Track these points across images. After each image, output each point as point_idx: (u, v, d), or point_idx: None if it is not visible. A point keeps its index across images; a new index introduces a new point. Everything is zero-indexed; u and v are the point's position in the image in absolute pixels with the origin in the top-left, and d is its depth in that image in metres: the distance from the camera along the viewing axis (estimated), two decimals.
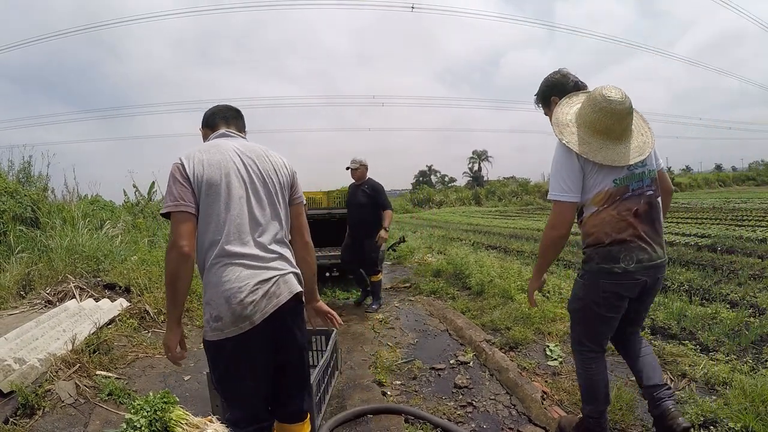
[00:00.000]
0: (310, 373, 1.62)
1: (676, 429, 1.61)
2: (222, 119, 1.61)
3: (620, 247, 1.60)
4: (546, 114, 1.86)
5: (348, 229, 4.54)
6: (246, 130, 1.69)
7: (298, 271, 1.53)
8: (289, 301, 1.42)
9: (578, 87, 1.79)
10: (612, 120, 1.57)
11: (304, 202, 1.68)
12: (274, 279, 1.40)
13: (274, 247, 1.45)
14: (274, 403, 1.56)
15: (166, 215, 1.38)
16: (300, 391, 1.59)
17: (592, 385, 1.79)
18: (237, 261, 1.36)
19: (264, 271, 1.39)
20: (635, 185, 1.63)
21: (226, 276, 1.35)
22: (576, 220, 1.73)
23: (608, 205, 1.61)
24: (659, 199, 1.69)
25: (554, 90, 1.82)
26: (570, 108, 1.71)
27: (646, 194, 1.64)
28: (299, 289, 1.48)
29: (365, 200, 4.31)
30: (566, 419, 2.05)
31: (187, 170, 1.38)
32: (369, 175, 4.47)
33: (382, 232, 4.24)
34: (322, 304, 1.75)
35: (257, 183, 1.46)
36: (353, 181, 4.53)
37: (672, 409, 1.66)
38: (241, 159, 1.46)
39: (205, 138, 1.61)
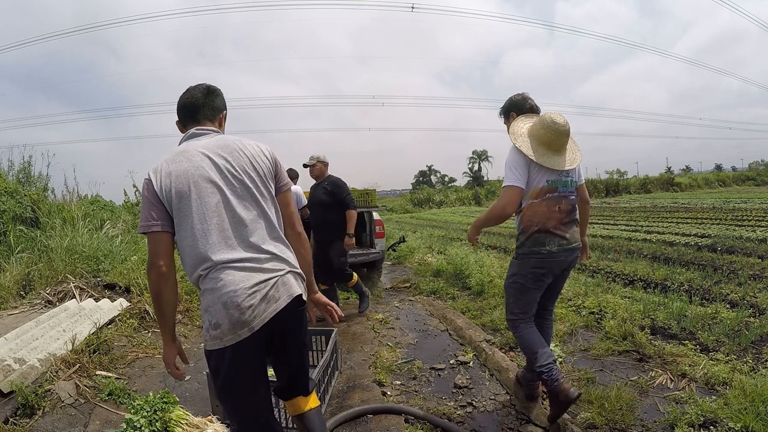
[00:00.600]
0: (309, 372, 1.62)
1: (563, 394, 1.96)
2: (189, 118, 1.50)
3: (545, 234, 2.08)
4: (505, 124, 2.33)
5: (312, 234, 4.15)
6: (223, 106, 1.56)
7: (298, 269, 1.46)
8: (289, 304, 1.36)
9: (533, 109, 2.29)
10: (554, 136, 2.07)
11: (291, 187, 1.60)
12: (273, 281, 1.33)
13: (267, 246, 1.37)
14: (276, 384, 1.58)
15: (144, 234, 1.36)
16: (301, 377, 1.57)
17: (530, 345, 2.15)
18: (230, 266, 1.30)
19: (259, 274, 1.32)
20: (562, 188, 2.12)
21: (220, 281, 1.28)
22: (515, 214, 2.19)
23: (541, 198, 2.09)
24: (577, 203, 2.22)
25: (515, 108, 2.30)
26: (524, 124, 2.19)
27: (569, 197, 2.15)
28: (299, 291, 1.41)
29: (326, 199, 3.96)
30: (522, 373, 2.38)
31: (155, 186, 1.33)
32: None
33: (347, 239, 3.95)
34: (321, 296, 1.68)
35: (235, 182, 1.37)
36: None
37: (560, 379, 2.05)
38: (212, 161, 1.37)
39: (181, 132, 1.53)
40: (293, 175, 4.90)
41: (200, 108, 1.49)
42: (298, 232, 1.57)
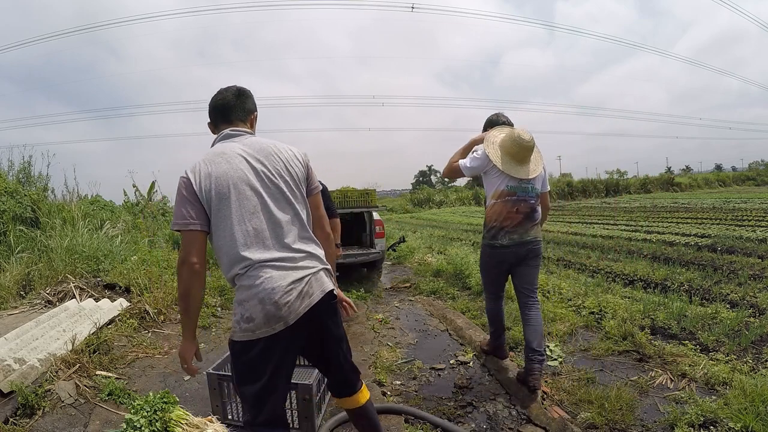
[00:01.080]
0: (351, 357, 1.65)
1: (531, 384, 2.36)
2: (222, 119, 1.54)
3: (500, 230, 2.48)
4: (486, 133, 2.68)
5: None
6: (254, 107, 1.61)
7: (328, 266, 1.52)
8: (322, 298, 1.42)
9: (506, 123, 2.70)
10: (519, 149, 2.42)
11: (321, 188, 1.66)
12: (306, 278, 1.39)
13: (300, 245, 1.43)
14: (327, 379, 1.64)
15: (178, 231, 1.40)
16: (350, 375, 1.62)
17: (494, 317, 2.76)
18: (267, 264, 1.35)
19: (295, 272, 1.38)
20: (521, 193, 2.46)
21: (259, 278, 1.34)
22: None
23: (500, 199, 2.47)
24: (538, 207, 2.55)
25: (491, 125, 2.72)
26: (499, 134, 2.55)
27: (529, 202, 2.48)
28: (331, 286, 1.48)
29: None
30: (484, 342, 3.06)
31: (194, 185, 1.37)
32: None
33: (337, 250, 3.34)
34: (339, 292, 1.69)
35: (271, 186, 1.43)
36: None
37: (536, 372, 2.36)
38: (250, 164, 1.42)
39: (213, 133, 1.58)
40: None
41: (232, 109, 1.54)
42: (326, 233, 1.65)
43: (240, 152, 1.43)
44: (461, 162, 2.60)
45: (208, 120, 1.59)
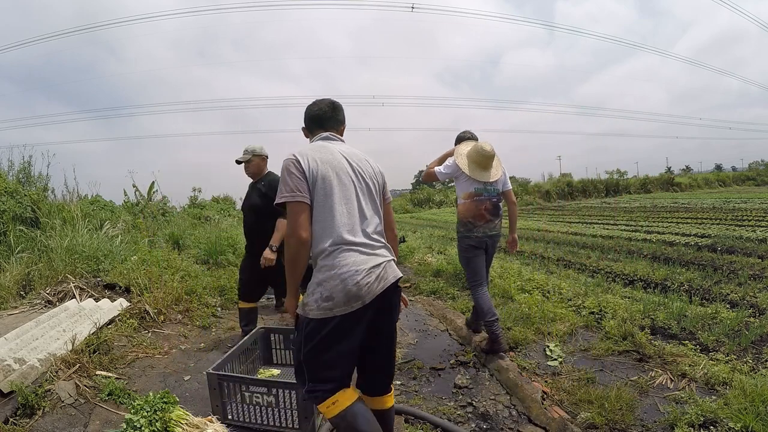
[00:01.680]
0: (394, 359, 1.79)
1: (499, 348, 2.89)
2: (318, 126, 1.78)
3: (472, 224, 3.02)
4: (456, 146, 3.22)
5: (246, 243, 3.54)
6: (344, 120, 1.85)
7: (395, 258, 1.72)
8: (393, 283, 1.61)
9: (471, 137, 3.27)
10: (481, 159, 2.99)
11: (391, 200, 1.88)
12: (383, 264, 1.58)
13: (378, 237, 1.64)
14: (360, 376, 1.75)
15: (281, 205, 1.55)
16: (389, 366, 1.76)
17: (479, 302, 3.03)
18: (352, 248, 1.53)
19: (374, 257, 1.57)
20: (486, 194, 3.02)
21: (344, 260, 1.50)
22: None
23: (470, 200, 3.02)
24: (501, 203, 3.13)
25: (460, 140, 3.27)
26: (466, 147, 3.11)
27: (492, 200, 3.04)
28: (401, 274, 1.68)
29: (261, 202, 3.22)
30: (468, 322, 3.49)
31: (303, 165, 1.54)
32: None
33: (266, 252, 3.07)
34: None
35: (362, 182, 1.65)
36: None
37: (499, 335, 2.88)
38: (349, 162, 1.64)
39: (306, 137, 1.83)
40: None
41: (327, 120, 1.79)
42: (395, 234, 1.87)
43: (339, 150, 1.66)
44: (436, 169, 3.11)
45: (303, 126, 1.84)
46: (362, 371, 1.74)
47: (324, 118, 1.77)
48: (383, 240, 1.68)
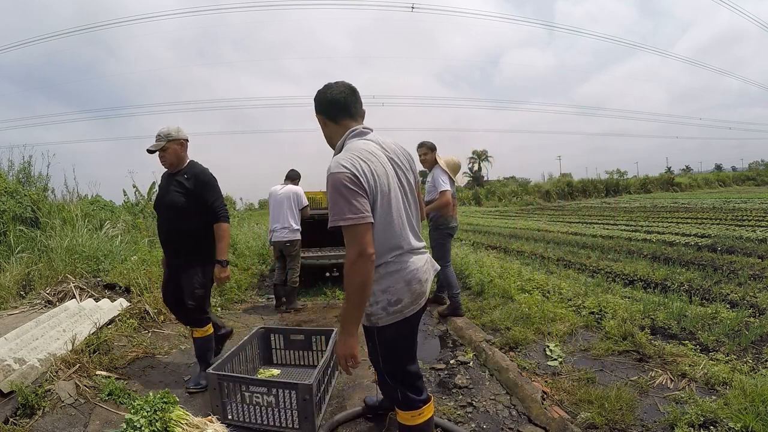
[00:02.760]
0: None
1: (459, 313, 3.94)
2: (344, 113, 1.60)
3: (452, 218, 3.96)
4: (432, 158, 4.00)
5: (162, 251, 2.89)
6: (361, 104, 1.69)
7: None
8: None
9: (434, 148, 4.10)
10: (456, 168, 4.10)
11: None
12: (427, 259, 1.67)
13: (419, 238, 1.68)
14: None
15: (338, 226, 1.42)
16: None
17: (450, 278, 3.93)
18: (409, 253, 1.57)
19: (423, 257, 1.65)
20: (455, 193, 4.03)
21: (405, 265, 1.54)
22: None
23: (453, 199, 3.90)
24: None
25: (434, 150, 4.08)
26: (442, 160, 3.97)
27: (455, 198, 4.01)
28: (438, 266, 1.80)
29: (185, 200, 2.60)
30: (443, 309, 4.12)
31: (362, 182, 1.42)
32: None
33: (218, 271, 2.62)
34: None
35: (407, 187, 1.62)
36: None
37: (460, 303, 3.99)
38: (393, 167, 1.57)
39: (327, 127, 1.64)
40: (294, 176, 4.89)
41: (353, 104, 1.61)
42: (424, 213, 2.05)
43: (383, 154, 1.55)
44: (446, 190, 3.75)
45: (320, 113, 1.64)
46: None
47: (349, 103, 1.60)
48: (420, 236, 1.71)
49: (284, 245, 4.56)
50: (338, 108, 1.59)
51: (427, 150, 3.98)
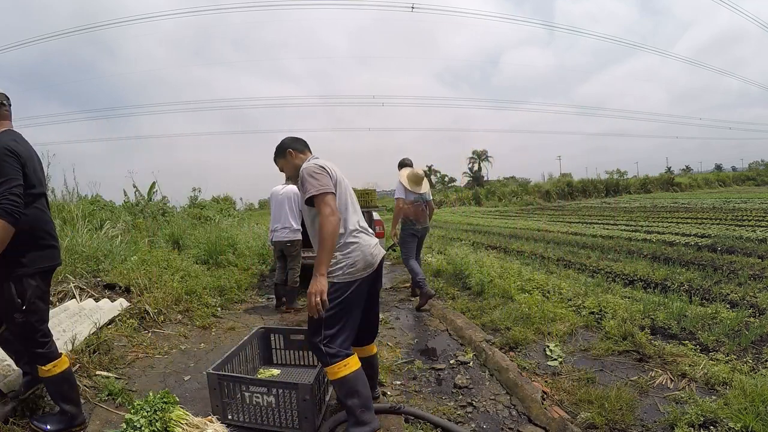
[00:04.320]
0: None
1: (429, 293, 4.42)
2: (306, 147, 2.29)
3: (415, 220, 4.61)
4: (399, 170, 4.74)
5: None
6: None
7: None
8: (383, 257, 2.20)
9: (410, 163, 4.81)
10: (417, 179, 4.61)
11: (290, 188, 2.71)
12: (376, 243, 2.19)
13: (368, 227, 2.23)
14: (364, 331, 2.26)
15: (314, 197, 1.95)
16: (377, 321, 2.41)
17: (413, 268, 4.60)
18: (364, 231, 2.15)
19: (373, 238, 2.18)
20: (417, 201, 4.60)
21: (362, 239, 2.09)
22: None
23: (410, 205, 4.56)
24: (427, 208, 4.70)
25: (404, 165, 4.80)
26: (405, 172, 4.65)
27: (422, 206, 4.64)
28: (383, 250, 2.25)
29: None
30: (417, 305, 4.55)
31: (327, 170, 2.05)
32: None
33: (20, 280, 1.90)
34: None
35: (350, 188, 2.21)
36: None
37: (424, 287, 4.45)
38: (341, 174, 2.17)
39: (296, 158, 2.23)
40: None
41: (306, 144, 2.32)
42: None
43: (335, 165, 2.17)
44: (398, 197, 4.58)
45: (289, 148, 2.25)
46: (364, 323, 2.20)
47: (305, 142, 2.31)
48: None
49: (285, 245, 4.56)
50: (302, 143, 2.29)
51: (399, 167, 4.88)
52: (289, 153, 2.25)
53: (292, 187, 4.68)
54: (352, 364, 1.98)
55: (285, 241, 4.55)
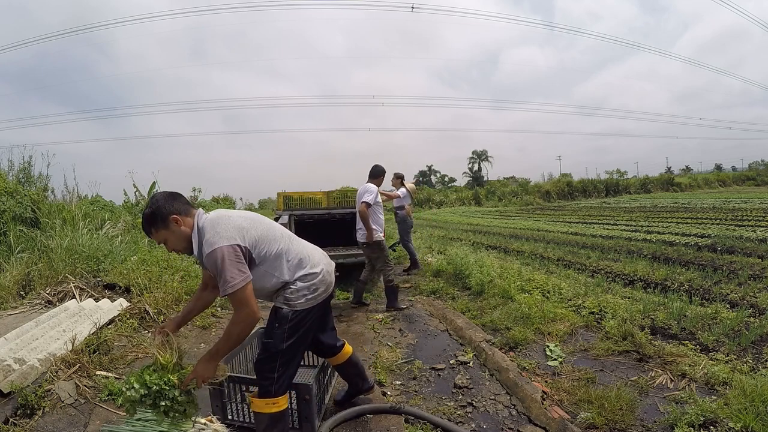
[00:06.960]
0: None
1: (419, 267, 6.47)
2: (187, 204, 1.83)
3: (409, 217, 6.67)
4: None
5: None
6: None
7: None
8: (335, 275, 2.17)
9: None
10: (413, 190, 6.84)
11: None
12: (329, 259, 2.12)
13: (313, 245, 2.17)
14: (327, 337, 2.28)
15: (238, 290, 1.73)
16: (335, 335, 2.35)
17: (411, 250, 6.54)
18: (315, 252, 2.07)
19: (325, 255, 2.12)
20: (410, 204, 6.75)
21: (321, 263, 2.01)
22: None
23: (410, 206, 6.76)
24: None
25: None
26: (409, 185, 6.79)
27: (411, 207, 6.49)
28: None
29: None
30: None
31: (239, 246, 1.74)
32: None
33: None
34: None
35: (271, 221, 2.04)
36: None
37: (418, 262, 6.55)
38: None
39: (182, 224, 1.76)
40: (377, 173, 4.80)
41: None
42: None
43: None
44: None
45: (174, 215, 1.74)
46: (322, 338, 2.24)
47: (185, 198, 1.86)
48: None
49: (361, 246, 4.58)
50: (182, 201, 1.81)
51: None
52: (174, 221, 1.72)
53: (362, 188, 4.60)
54: (282, 404, 1.89)
55: (361, 243, 4.59)
